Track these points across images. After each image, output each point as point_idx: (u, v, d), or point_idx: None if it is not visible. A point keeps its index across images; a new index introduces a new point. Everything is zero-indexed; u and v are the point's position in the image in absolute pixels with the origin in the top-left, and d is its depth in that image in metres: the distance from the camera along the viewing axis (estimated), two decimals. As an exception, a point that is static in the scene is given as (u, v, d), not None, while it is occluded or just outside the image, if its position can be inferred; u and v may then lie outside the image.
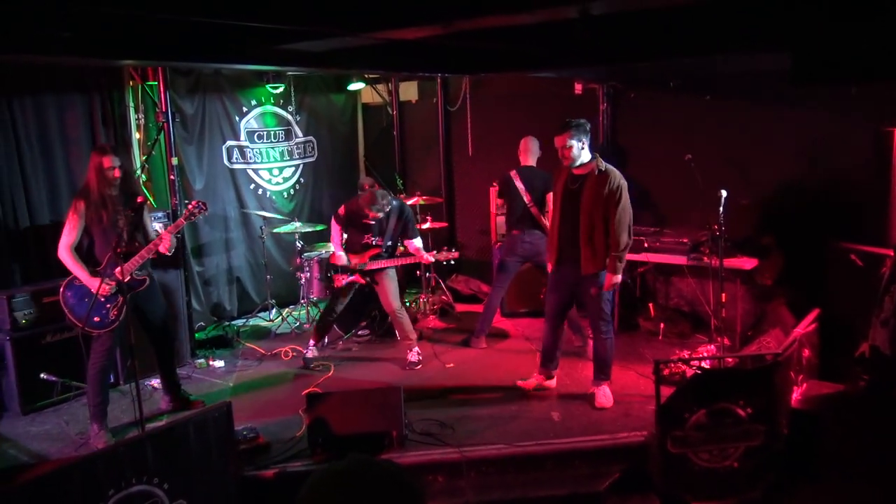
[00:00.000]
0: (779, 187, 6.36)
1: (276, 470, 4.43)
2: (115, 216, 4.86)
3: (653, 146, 7.08)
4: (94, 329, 4.83)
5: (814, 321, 5.14)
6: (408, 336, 6.18)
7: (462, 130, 8.38)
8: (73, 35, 2.98)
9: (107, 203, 4.83)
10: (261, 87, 7.80)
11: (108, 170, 4.83)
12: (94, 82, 6.30)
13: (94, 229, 4.85)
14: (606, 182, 4.97)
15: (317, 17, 3.33)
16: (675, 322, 6.67)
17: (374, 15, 3.39)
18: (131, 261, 4.82)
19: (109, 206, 4.84)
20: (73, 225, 4.82)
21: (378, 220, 6.04)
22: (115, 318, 4.84)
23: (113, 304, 4.84)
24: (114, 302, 4.84)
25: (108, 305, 4.82)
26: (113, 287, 4.78)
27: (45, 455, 4.79)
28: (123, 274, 4.69)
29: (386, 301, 6.14)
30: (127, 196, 4.96)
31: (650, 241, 6.53)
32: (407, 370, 6.05)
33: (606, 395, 5.21)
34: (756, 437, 4.14)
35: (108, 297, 4.80)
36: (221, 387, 5.92)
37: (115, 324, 4.84)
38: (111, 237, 4.82)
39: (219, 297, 7.60)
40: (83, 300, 4.80)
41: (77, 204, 4.84)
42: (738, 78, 6.46)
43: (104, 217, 4.82)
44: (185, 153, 7.03)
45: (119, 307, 4.85)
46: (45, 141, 6.05)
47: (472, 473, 4.48)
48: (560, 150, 5.07)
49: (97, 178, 4.84)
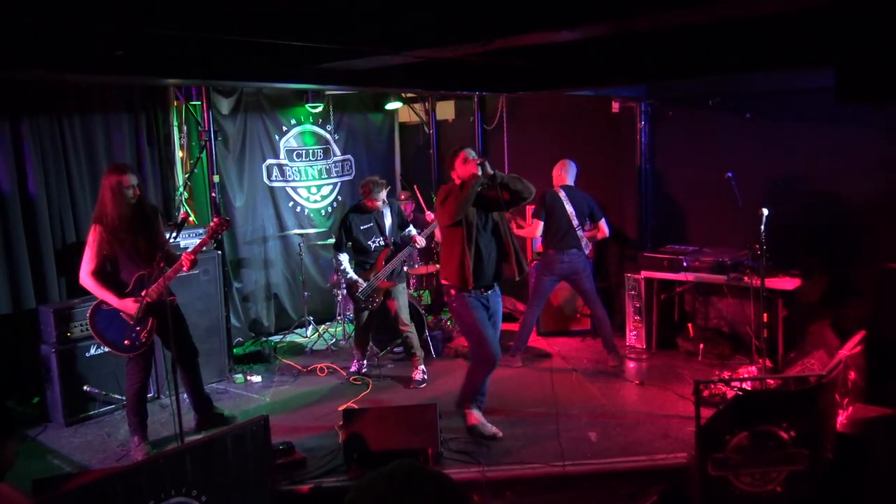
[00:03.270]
0: (823, 207, 6.24)
1: (312, 485, 4.44)
2: (135, 236, 4.72)
3: (691, 164, 7.01)
4: (126, 353, 4.80)
5: (860, 343, 5.01)
6: (415, 353, 6.26)
7: (499, 149, 8.40)
8: (123, 54, 3.08)
9: (127, 224, 4.70)
10: (300, 107, 7.93)
11: (128, 188, 4.68)
12: (140, 103, 6.49)
13: (117, 252, 4.72)
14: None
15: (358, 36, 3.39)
16: (715, 343, 6.55)
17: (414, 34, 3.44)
18: (157, 283, 4.71)
19: (130, 226, 4.71)
20: (93, 251, 4.69)
21: (376, 221, 6.12)
22: (145, 340, 4.79)
23: (143, 327, 4.79)
24: (144, 325, 4.79)
25: (139, 328, 4.77)
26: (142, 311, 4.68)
27: (87, 466, 4.88)
28: (157, 295, 4.68)
29: (400, 313, 6.20)
30: (145, 214, 4.83)
31: (689, 261, 6.45)
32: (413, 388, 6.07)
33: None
34: (800, 462, 4.02)
35: (139, 319, 4.73)
36: (259, 402, 5.97)
37: (145, 346, 4.80)
38: (133, 259, 4.73)
39: (257, 313, 7.69)
40: (112, 323, 4.74)
41: (96, 228, 4.71)
42: (779, 95, 6.37)
43: (126, 239, 4.69)
44: (226, 171, 7.18)
45: (150, 330, 4.80)
46: (92, 160, 6.22)
47: (507, 493, 4.44)
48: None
49: (114, 199, 4.67)
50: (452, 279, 4.85)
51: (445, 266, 4.95)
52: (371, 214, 6.14)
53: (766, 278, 5.45)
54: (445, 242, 4.95)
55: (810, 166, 6.29)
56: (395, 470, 1.29)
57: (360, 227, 6.13)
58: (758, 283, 5.47)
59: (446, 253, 4.92)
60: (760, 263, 5.36)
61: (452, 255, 4.82)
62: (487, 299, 4.95)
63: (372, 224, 6.14)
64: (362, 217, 6.15)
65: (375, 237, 6.15)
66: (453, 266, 4.82)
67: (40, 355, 5.58)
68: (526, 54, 4.47)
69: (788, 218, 6.13)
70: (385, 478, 1.28)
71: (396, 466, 1.30)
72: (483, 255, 4.81)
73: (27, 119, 5.80)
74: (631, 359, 6.65)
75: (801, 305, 6.12)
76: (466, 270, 4.74)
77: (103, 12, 2.63)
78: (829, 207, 6.20)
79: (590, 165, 7.02)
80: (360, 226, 6.13)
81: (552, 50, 4.55)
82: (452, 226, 4.79)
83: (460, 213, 4.68)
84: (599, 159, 7.41)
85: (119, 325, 4.74)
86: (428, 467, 1.32)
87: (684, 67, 4.81)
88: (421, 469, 1.30)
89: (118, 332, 4.76)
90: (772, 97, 6.44)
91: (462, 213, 4.69)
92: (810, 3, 3.23)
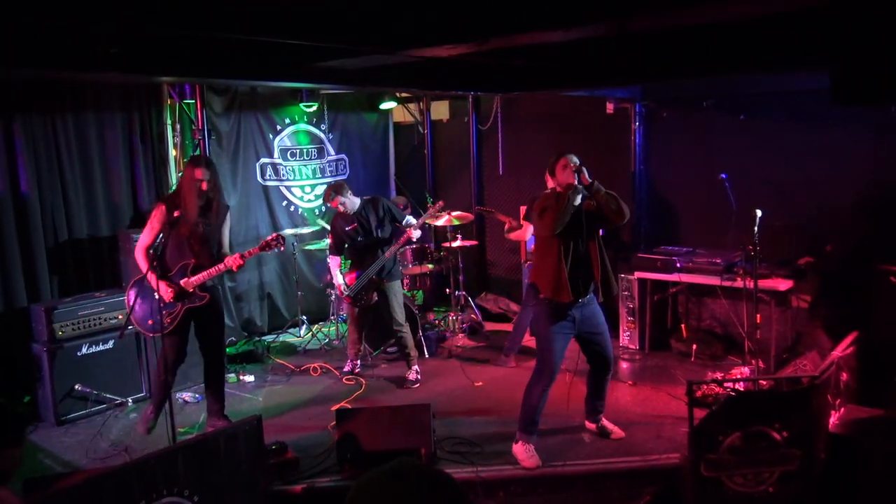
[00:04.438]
0: (817, 208, 6.26)
1: (305, 485, 4.43)
2: (194, 227, 4.88)
3: (686, 165, 7.03)
4: (149, 332, 4.97)
5: (852, 344, 5.03)
6: (410, 353, 6.24)
7: (493, 149, 8.40)
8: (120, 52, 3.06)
9: (188, 213, 4.83)
10: (295, 106, 7.91)
11: (198, 181, 4.83)
12: (134, 101, 6.46)
13: (171, 235, 4.88)
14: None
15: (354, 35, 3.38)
16: (708, 343, 6.57)
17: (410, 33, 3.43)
18: (199, 275, 4.89)
19: (190, 216, 4.84)
20: (152, 227, 4.89)
21: (360, 224, 6.12)
22: (168, 325, 4.86)
23: (169, 312, 4.88)
24: (171, 309, 4.89)
25: (165, 311, 4.85)
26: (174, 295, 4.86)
27: (77, 465, 4.85)
28: (188, 285, 4.84)
29: (392, 313, 6.18)
30: (213, 211, 4.97)
31: (683, 262, 6.46)
32: (407, 388, 6.07)
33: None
34: (792, 462, 4.04)
35: (167, 303, 4.85)
36: (251, 401, 5.95)
37: (167, 329, 4.85)
38: (184, 247, 4.90)
39: (250, 312, 7.67)
40: (144, 300, 4.90)
41: (160, 207, 4.90)
42: (773, 97, 6.40)
43: (182, 226, 4.85)
44: (219, 170, 7.11)
45: (174, 316, 4.90)
46: (85, 157, 6.20)
47: (500, 493, 4.44)
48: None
49: (186, 188, 4.87)
50: (545, 289, 4.66)
51: (539, 273, 4.76)
52: (353, 216, 6.14)
53: (759, 279, 5.47)
54: (540, 249, 4.79)
55: (804, 168, 6.31)
56: (396, 468, 1.28)
57: (345, 227, 6.19)
58: (751, 284, 5.49)
59: (540, 256, 4.77)
60: (754, 264, 5.37)
61: (547, 264, 4.65)
62: (579, 312, 4.69)
63: (356, 224, 6.15)
64: (346, 218, 6.18)
65: (360, 237, 6.16)
66: (548, 276, 4.63)
67: (31, 354, 5.55)
68: (521, 54, 4.47)
69: (782, 219, 6.15)
70: (387, 476, 1.27)
71: (398, 465, 1.29)
72: (577, 268, 4.62)
73: (20, 117, 5.77)
74: (624, 359, 6.66)
75: (794, 306, 6.14)
76: (562, 283, 4.56)
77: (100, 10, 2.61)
78: (822, 209, 6.23)
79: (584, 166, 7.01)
80: (345, 226, 6.19)
81: (548, 50, 4.54)
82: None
83: (559, 226, 4.52)
84: (594, 160, 7.33)
85: (150, 303, 4.84)
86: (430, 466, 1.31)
87: (680, 68, 4.81)
88: (423, 468, 1.29)
89: (147, 311, 4.90)
90: (766, 99, 6.46)
91: (561, 227, 4.53)
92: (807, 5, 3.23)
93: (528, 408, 4.72)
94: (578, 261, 4.62)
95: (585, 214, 4.63)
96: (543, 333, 4.73)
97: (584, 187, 4.58)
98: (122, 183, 6.45)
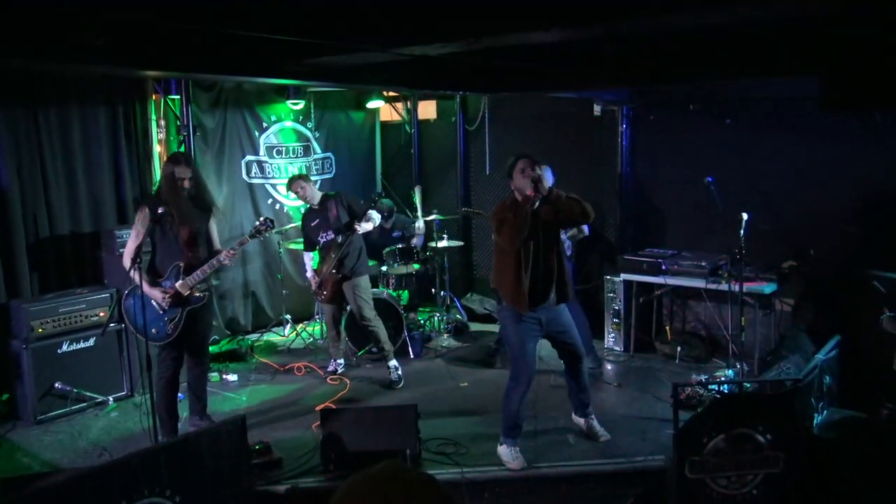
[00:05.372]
0: (801, 213, 6.30)
1: (289, 485, 4.40)
2: (179, 227, 4.73)
3: (672, 169, 7.05)
4: (152, 341, 4.73)
5: (834, 348, 5.06)
6: (384, 347, 6.19)
7: (480, 150, 8.39)
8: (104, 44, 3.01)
9: (172, 213, 4.70)
10: (281, 104, 7.86)
11: (179, 180, 4.71)
12: (118, 96, 6.37)
13: (157, 238, 4.78)
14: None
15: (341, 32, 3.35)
16: (692, 346, 6.60)
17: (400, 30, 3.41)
18: (193, 275, 4.75)
19: (174, 216, 4.71)
20: (137, 232, 4.77)
21: (325, 216, 6.13)
22: (172, 331, 4.76)
23: (171, 318, 4.76)
24: (173, 315, 4.77)
25: (167, 318, 4.75)
26: (174, 300, 4.73)
27: (57, 464, 4.78)
28: (184, 287, 4.71)
29: (355, 309, 6.16)
30: (198, 207, 4.86)
31: (668, 264, 6.48)
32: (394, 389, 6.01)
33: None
34: (775, 465, 4.06)
35: (168, 309, 4.74)
36: (234, 401, 5.90)
37: (171, 337, 4.77)
38: (174, 248, 4.76)
39: (234, 311, 7.61)
40: (143, 309, 4.63)
41: (143, 209, 4.78)
42: (760, 102, 6.43)
43: (167, 227, 4.73)
44: (204, 167, 7.08)
45: (177, 322, 4.78)
46: (67, 152, 6.11)
47: (485, 494, 4.43)
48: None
49: (167, 187, 4.74)
50: (506, 297, 4.59)
51: (499, 278, 4.66)
52: (319, 211, 6.18)
53: (743, 282, 5.49)
54: (499, 258, 4.67)
55: (789, 172, 6.35)
56: (382, 470, 1.27)
57: (311, 223, 6.22)
58: (736, 286, 5.51)
59: (500, 264, 4.66)
60: (739, 267, 5.40)
61: (506, 274, 4.55)
62: (544, 314, 4.64)
63: (319, 220, 6.18)
64: (313, 214, 6.23)
65: (323, 232, 6.16)
66: (507, 283, 4.55)
67: (10, 351, 5.47)
68: (510, 55, 4.46)
69: (767, 222, 6.19)
70: (372, 478, 1.26)
71: (384, 467, 1.27)
72: (536, 277, 4.53)
73: (1, 109, 5.68)
74: (609, 361, 6.67)
75: (778, 309, 6.18)
76: (522, 294, 4.49)
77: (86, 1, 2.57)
78: (806, 213, 6.27)
79: (571, 168, 7.04)
80: (311, 223, 6.22)
81: (536, 51, 4.54)
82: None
83: (518, 241, 4.43)
84: (580, 162, 7.43)
85: (149, 312, 4.65)
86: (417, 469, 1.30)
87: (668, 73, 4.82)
88: (409, 470, 1.27)
89: (148, 320, 4.67)
90: (753, 104, 6.49)
91: (520, 241, 4.44)
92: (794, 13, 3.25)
93: (509, 414, 4.67)
94: (538, 270, 4.53)
95: (543, 223, 4.53)
96: (513, 339, 4.68)
97: (543, 197, 4.45)
98: (105, 179, 6.37)
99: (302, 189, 6.19)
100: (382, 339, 6.21)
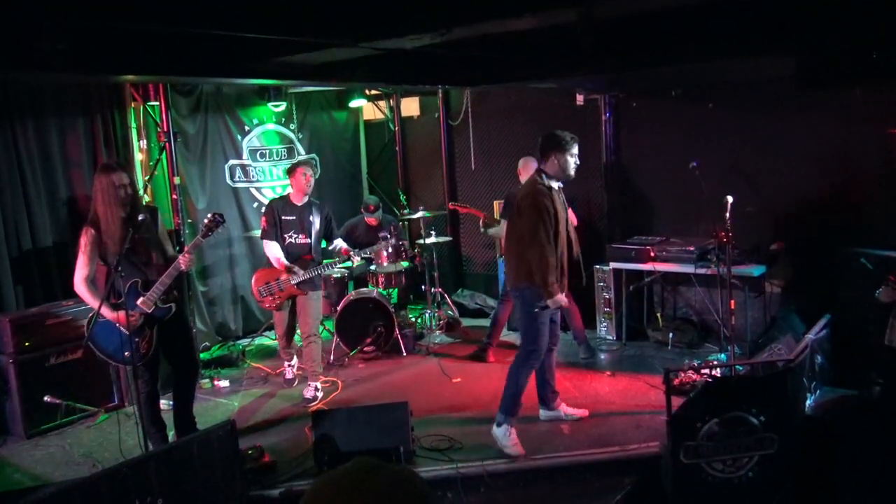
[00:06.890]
0: (786, 193, 6.32)
1: (283, 489, 4.36)
2: (129, 241, 4.30)
3: (657, 155, 7.05)
4: (127, 364, 4.56)
5: (825, 327, 5.07)
6: (314, 367, 5.85)
7: (464, 145, 8.37)
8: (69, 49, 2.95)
9: (119, 228, 4.37)
10: (262, 106, 7.80)
11: (120, 188, 4.36)
12: (96, 104, 6.30)
13: (110, 258, 4.42)
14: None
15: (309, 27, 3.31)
16: (684, 331, 6.60)
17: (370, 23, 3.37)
18: (153, 289, 4.46)
19: (122, 230, 4.35)
20: (86, 256, 4.42)
21: (299, 217, 5.89)
22: (146, 351, 4.53)
23: (142, 338, 4.50)
24: (142, 335, 4.51)
25: (137, 339, 4.43)
26: (140, 320, 4.44)
27: (48, 478, 4.73)
28: (146, 304, 4.44)
29: (304, 321, 5.90)
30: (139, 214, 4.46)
31: (656, 251, 6.47)
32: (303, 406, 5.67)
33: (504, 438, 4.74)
34: (770, 446, 4.05)
35: (136, 330, 4.40)
36: (227, 406, 5.86)
37: (146, 358, 4.54)
38: (127, 265, 4.36)
39: (223, 316, 7.56)
40: (111, 334, 4.45)
41: (87, 232, 4.42)
42: (740, 86, 6.43)
43: (118, 244, 4.33)
44: (187, 173, 7.02)
45: (149, 340, 4.54)
46: (47, 163, 6.04)
47: (481, 489, 4.41)
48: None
49: (105, 201, 4.37)
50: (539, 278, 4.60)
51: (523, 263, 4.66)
52: (299, 210, 5.92)
53: (732, 265, 5.49)
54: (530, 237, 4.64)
55: (773, 154, 6.36)
56: (351, 469, 1.22)
57: (285, 216, 5.94)
58: (725, 270, 5.50)
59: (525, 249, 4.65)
60: (727, 251, 5.39)
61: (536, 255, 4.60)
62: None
63: (294, 218, 5.93)
64: (286, 208, 5.95)
65: (295, 233, 5.94)
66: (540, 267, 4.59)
67: (-3, 366, 5.41)
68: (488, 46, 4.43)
69: (753, 205, 6.19)
70: (340, 477, 1.21)
71: (353, 465, 1.23)
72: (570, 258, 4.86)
73: (-24, 123, 5.62)
74: (602, 350, 6.66)
75: (768, 291, 6.19)
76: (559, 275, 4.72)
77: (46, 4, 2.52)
78: (792, 194, 6.28)
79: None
80: (285, 215, 5.94)
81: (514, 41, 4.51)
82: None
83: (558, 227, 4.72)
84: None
85: (118, 336, 4.40)
86: (391, 464, 1.24)
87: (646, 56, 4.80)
88: (381, 467, 1.22)
89: (117, 344, 4.43)
90: (733, 87, 6.49)
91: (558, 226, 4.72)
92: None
93: (518, 389, 4.76)
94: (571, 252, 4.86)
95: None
96: (540, 319, 4.77)
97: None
98: (86, 189, 6.29)
99: (305, 177, 5.85)
100: (316, 359, 5.89)
